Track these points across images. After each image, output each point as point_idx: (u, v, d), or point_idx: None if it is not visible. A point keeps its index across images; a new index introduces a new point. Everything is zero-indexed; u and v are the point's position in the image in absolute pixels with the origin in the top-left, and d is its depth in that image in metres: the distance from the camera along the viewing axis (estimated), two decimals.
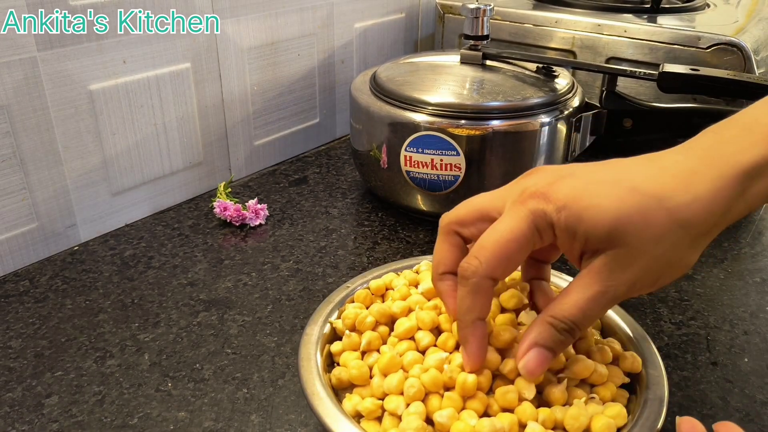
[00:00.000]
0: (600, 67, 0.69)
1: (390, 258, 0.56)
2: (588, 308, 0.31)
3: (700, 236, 0.30)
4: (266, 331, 0.48)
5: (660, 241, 0.30)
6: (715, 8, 0.87)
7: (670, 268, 0.31)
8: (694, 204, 0.30)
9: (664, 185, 0.30)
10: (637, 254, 0.30)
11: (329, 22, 0.76)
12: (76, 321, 0.49)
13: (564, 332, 0.31)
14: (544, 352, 0.31)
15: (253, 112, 0.71)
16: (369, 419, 0.34)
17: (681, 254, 0.30)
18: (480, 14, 0.63)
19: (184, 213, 0.64)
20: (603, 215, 0.30)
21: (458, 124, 0.56)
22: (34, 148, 0.53)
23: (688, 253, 0.31)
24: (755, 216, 0.65)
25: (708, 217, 0.30)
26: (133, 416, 0.40)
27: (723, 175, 0.30)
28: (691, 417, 0.32)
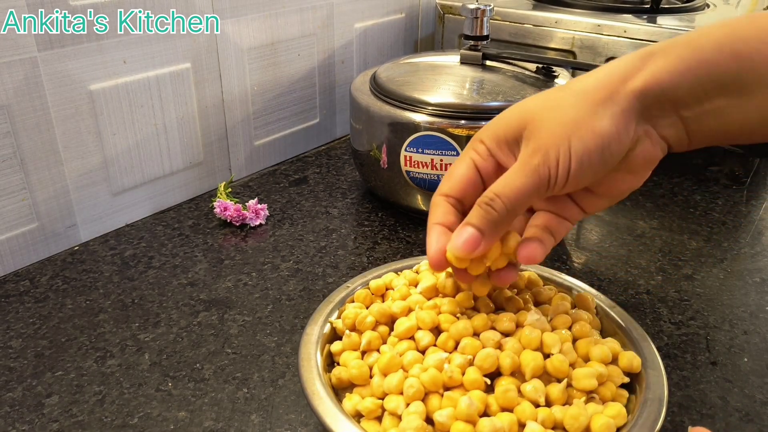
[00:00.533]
0: None
1: (390, 258, 0.56)
2: (514, 184, 0.33)
3: (599, 102, 0.33)
4: (266, 331, 0.48)
5: (557, 108, 0.33)
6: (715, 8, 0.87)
7: (578, 131, 0.32)
8: (589, 78, 0.34)
9: (569, 86, 0.35)
10: (541, 125, 0.33)
11: (329, 22, 0.77)
12: (76, 321, 0.49)
13: (490, 211, 0.33)
14: (475, 233, 0.34)
15: (253, 112, 0.71)
16: (369, 419, 0.34)
17: (582, 118, 0.33)
18: (480, 14, 0.63)
19: (184, 213, 0.64)
20: (513, 113, 0.35)
21: (458, 124, 0.56)
22: (35, 148, 0.53)
23: (592, 118, 0.32)
24: (755, 216, 0.65)
25: (603, 82, 0.33)
26: (134, 416, 0.40)
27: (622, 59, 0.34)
28: (703, 428, 0.33)
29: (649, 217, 0.64)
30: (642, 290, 0.53)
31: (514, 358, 0.34)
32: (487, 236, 0.34)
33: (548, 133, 0.33)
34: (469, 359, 0.34)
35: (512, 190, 0.33)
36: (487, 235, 0.34)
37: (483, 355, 0.34)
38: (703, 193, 0.69)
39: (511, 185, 0.33)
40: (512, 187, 0.33)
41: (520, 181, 0.33)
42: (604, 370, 0.35)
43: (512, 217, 0.34)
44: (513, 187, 0.33)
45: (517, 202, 0.33)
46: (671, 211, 0.65)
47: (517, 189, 0.33)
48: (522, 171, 0.33)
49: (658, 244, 0.59)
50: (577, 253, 0.58)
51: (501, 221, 0.33)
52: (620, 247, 0.59)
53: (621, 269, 0.55)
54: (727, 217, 0.64)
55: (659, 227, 0.62)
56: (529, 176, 0.33)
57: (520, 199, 0.33)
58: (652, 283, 0.54)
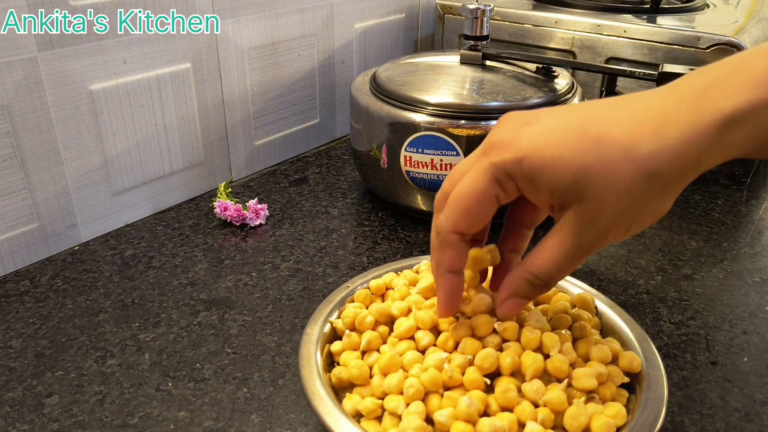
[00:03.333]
0: (600, 67, 0.69)
1: (390, 258, 0.57)
2: (562, 264, 0.31)
3: (669, 185, 0.29)
4: (266, 331, 0.48)
5: (626, 193, 0.28)
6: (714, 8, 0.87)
7: (640, 217, 0.30)
8: (663, 152, 0.28)
9: (631, 132, 0.28)
10: (604, 207, 0.29)
11: (329, 22, 0.77)
12: (76, 321, 0.49)
13: (538, 286, 0.33)
14: (519, 300, 0.34)
15: (253, 112, 0.71)
16: (369, 419, 0.34)
17: (650, 204, 0.29)
18: (480, 14, 0.63)
19: (184, 213, 0.64)
20: (566, 167, 0.29)
21: (458, 124, 0.56)
22: (35, 148, 0.53)
23: (658, 202, 0.29)
24: (755, 216, 0.65)
25: (678, 167, 0.28)
26: (134, 416, 0.40)
27: (699, 121, 0.28)
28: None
29: None
30: (642, 290, 0.53)
31: (514, 358, 0.34)
32: (530, 300, 0.34)
33: (609, 212, 0.29)
34: (469, 359, 0.34)
35: (561, 271, 0.32)
36: (532, 299, 0.34)
37: (483, 355, 0.34)
38: (703, 193, 0.69)
39: (560, 265, 0.31)
40: (561, 268, 0.31)
41: (569, 260, 0.31)
42: (604, 370, 0.35)
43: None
44: (562, 267, 0.31)
45: (562, 277, 0.33)
46: (671, 211, 0.65)
47: (565, 267, 0.32)
48: (572, 249, 0.30)
49: (658, 244, 0.59)
50: None
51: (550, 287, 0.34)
52: (620, 247, 0.59)
53: (621, 269, 0.55)
54: (726, 217, 0.64)
55: (659, 227, 0.62)
56: (578, 255, 0.31)
57: (566, 274, 0.32)
58: (651, 283, 0.54)
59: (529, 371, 0.34)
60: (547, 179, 0.29)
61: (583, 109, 0.31)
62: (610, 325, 0.39)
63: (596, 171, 0.28)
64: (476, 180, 0.31)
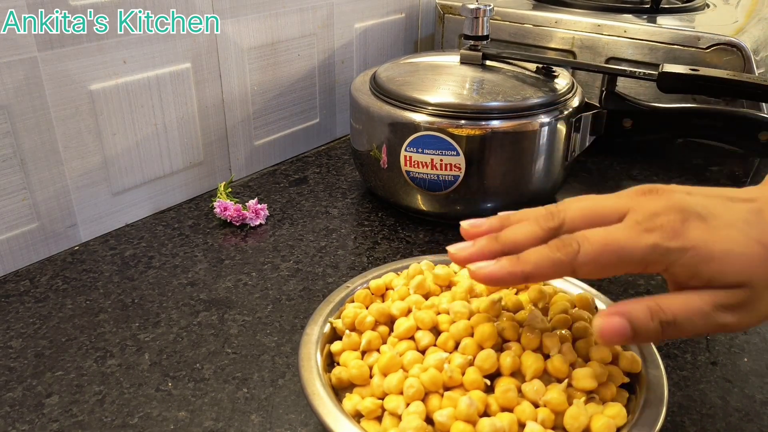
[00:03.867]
0: (600, 67, 0.69)
1: (390, 258, 0.56)
2: (695, 316, 0.30)
3: None
4: (266, 331, 0.48)
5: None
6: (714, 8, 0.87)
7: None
8: None
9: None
10: (759, 298, 0.31)
11: (329, 22, 0.77)
12: (76, 321, 0.49)
13: (658, 321, 0.30)
14: (626, 325, 0.30)
15: (253, 112, 0.71)
16: (369, 419, 0.34)
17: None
18: (480, 14, 0.63)
19: (184, 213, 0.64)
20: (733, 263, 0.30)
21: (458, 124, 0.56)
22: (35, 148, 0.53)
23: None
24: None
25: None
26: (134, 416, 0.40)
27: None
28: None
29: None
30: (642, 290, 0.53)
31: (514, 358, 0.34)
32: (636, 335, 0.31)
33: (759, 313, 0.31)
34: (469, 359, 0.34)
35: (689, 323, 0.31)
36: (637, 334, 0.31)
37: (483, 355, 0.34)
38: None
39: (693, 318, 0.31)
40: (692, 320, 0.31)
41: (704, 320, 0.31)
42: (604, 370, 0.35)
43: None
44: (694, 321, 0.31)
45: (682, 330, 0.31)
46: None
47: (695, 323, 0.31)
48: (714, 317, 0.30)
49: None
50: None
51: (657, 334, 0.31)
52: None
53: None
54: None
55: None
56: (714, 327, 0.31)
57: (689, 331, 0.31)
58: (652, 283, 0.54)
59: (529, 371, 0.34)
60: (711, 271, 0.31)
61: (746, 216, 0.32)
62: None
63: (760, 269, 0.30)
64: (632, 247, 0.31)
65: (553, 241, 0.32)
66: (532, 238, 0.33)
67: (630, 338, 0.30)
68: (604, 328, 0.31)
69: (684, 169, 0.74)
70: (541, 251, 0.32)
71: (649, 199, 0.33)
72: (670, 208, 0.32)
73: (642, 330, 0.30)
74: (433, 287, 0.40)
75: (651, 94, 0.74)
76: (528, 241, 0.33)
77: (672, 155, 0.79)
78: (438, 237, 0.60)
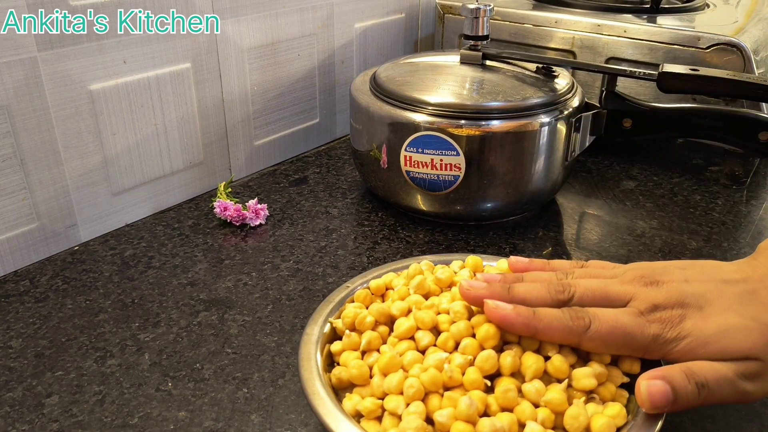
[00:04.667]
0: (600, 67, 0.69)
1: (390, 258, 0.57)
2: (723, 382, 0.33)
3: None
4: (266, 331, 0.48)
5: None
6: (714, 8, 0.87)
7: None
8: None
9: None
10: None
11: (329, 22, 0.77)
12: (76, 321, 0.49)
13: (694, 384, 0.33)
14: (668, 389, 0.32)
15: (253, 112, 0.71)
16: (369, 419, 0.34)
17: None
18: (480, 14, 0.63)
19: (184, 213, 0.64)
20: (731, 340, 0.34)
21: (458, 124, 0.56)
22: (35, 148, 0.53)
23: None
24: (755, 216, 0.65)
25: None
26: (134, 416, 0.40)
27: None
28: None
29: (649, 217, 0.64)
30: None
31: (514, 358, 0.34)
32: (676, 399, 0.33)
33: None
34: (469, 359, 0.34)
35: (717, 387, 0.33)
36: (677, 398, 0.33)
37: (484, 355, 0.34)
38: (703, 193, 0.69)
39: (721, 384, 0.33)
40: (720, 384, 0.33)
41: (725, 388, 0.33)
42: (603, 370, 0.35)
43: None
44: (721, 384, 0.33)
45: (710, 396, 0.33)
46: (671, 211, 0.65)
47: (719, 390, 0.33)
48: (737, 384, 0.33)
49: (658, 244, 0.59)
50: (577, 253, 0.58)
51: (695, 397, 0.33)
52: (620, 247, 0.59)
53: None
54: (727, 217, 0.64)
55: (659, 227, 0.62)
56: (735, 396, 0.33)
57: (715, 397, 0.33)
58: None
59: (529, 372, 0.34)
60: (707, 352, 0.34)
61: (746, 303, 0.35)
62: None
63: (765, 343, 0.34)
64: (635, 335, 0.34)
65: (567, 309, 0.35)
66: (541, 302, 0.36)
67: (671, 401, 0.32)
68: (652, 392, 0.32)
69: (684, 169, 0.74)
70: (556, 314, 0.35)
71: (651, 290, 0.36)
72: (670, 300, 0.35)
73: (681, 392, 0.32)
74: (433, 287, 0.40)
75: (651, 94, 0.74)
76: (537, 303, 0.36)
77: (672, 155, 0.79)
78: (438, 237, 0.60)
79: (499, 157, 0.57)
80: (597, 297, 0.36)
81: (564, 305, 0.36)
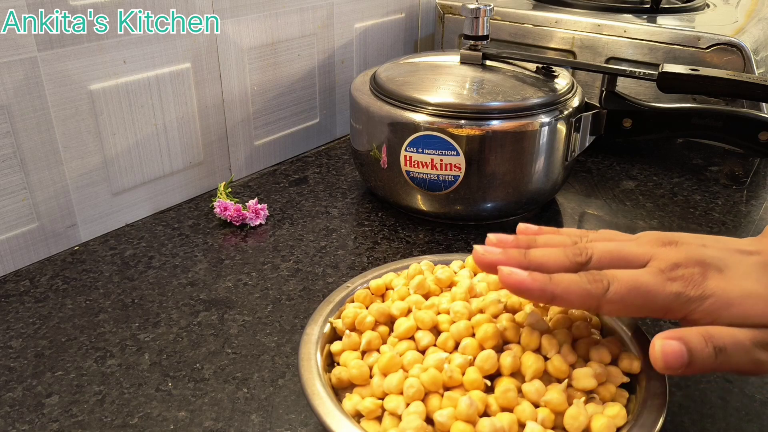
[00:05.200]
0: (600, 67, 0.69)
1: (390, 258, 0.57)
2: (740, 348, 0.32)
3: None
4: (266, 331, 0.48)
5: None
6: (714, 8, 0.87)
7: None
8: None
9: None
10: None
11: (329, 22, 0.77)
12: (76, 321, 0.49)
13: (712, 347, 0.31)
14: (684, 350, 0.31)
15: (253, 112, 0.71)
16: (369, 419, 0.34)
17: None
18: (480, 14, 0.63)
19: (184, 213, 0.64)
20: (753, 305, 0.32)
21: (458, 124, 0.56)
22: (35, 148, 0.53)
23: None
24: (755, 216, 0.65)
25: None
26: (134, 416, 0.40)
27: None
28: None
29: (649, 217, 0.64)
30: None
31: (514, 358, 0.34)
32: (691, 362, 0.32)
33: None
34: (469, 359, 0.34)
35: (736, 349, 0.32)
36: (692, 361, 0.32)
37: (484, 355, 0.34)
38: (703, 193, 0.69)
39: (740, 346, 0.32)
40: (739, 347, 0.32)
41: (745, 353, 0.32)
42: (603, 370, 0.35)
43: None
44: (742, 347, 0.32)
45: (728, 360, 0.32)
46: (671, 211, 0.65)
47: (735, 355, 0.32)
48: (756, 350, 0.32)
49: None
50: None
51: (711, 361, 0.32)
52: None
53: None
54: (727, 217, 0.64)
55: (659, 227, 0.62)
56: (751, 363, 0.32)
57: (731, 363, 0.32)
58: None
59: (529, 372, 0.34)
60: (730, 315, 0.33)
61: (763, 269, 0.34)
62: (610, 325, 0.39)
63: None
64: (655, 293, 0.33)
65: (584, 273, 0.34)
66: (559, 267, 0.35)
67: (687, 363, 0.31)
68: (666, 351, 0.31)
69: (684, 169, 0.74)
70: (572, 278, 0.34)
71: (670, 250, 0.35)
72: (690, 259, 0.34)
73: (698, 355, 0.31)
74: (433, 287, 0.40)
75: (651, 94, 0.74)
76: (554, 268, 0.35)
77: (672, 155, 0.79)
78: (438, 237, 0.60)
79: (499, 157, 0.57)
80: (614, 258, 0.35)
81: (581, 269, 0.35)
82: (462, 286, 0.40)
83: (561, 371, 0.34)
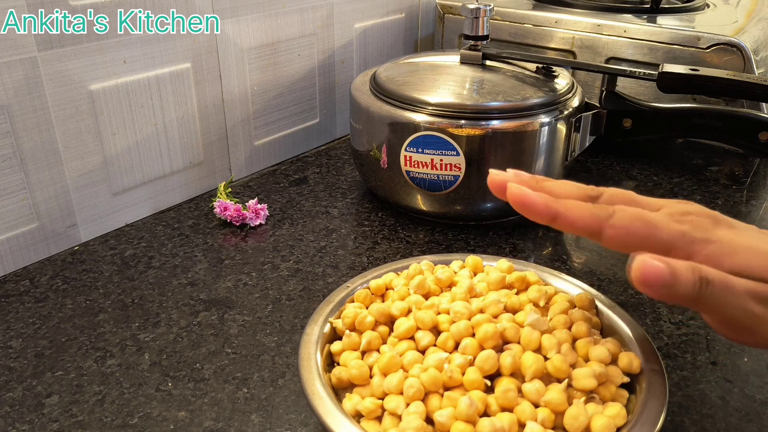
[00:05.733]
0: (600, 67, 0.69)
1: (390, 258, 0.57)
2: (730, 292, 0.30)
3: None
4: (266, 331, 0.48)
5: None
6: (714, 8, 0.87)
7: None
8: None
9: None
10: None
11: (329, 22, 0.77)
12: (76, 321, 0.49)
13: (698, 276, 0.30)
14: (667, 270, 0.29)
15: (253, 112, 0.71)
16: (369, 419, 0.34)
17: None
18: (480, 14, 0.63)
19: (184, 213, 0.64)
20: (758, 258, 0.32)
21: (458, 124, 0.56)
22: (35, 148, 0.53)
23: None
24: (755, 216, 0.65)
25: None
26: (134, 416, 0.40)
27: None
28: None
29: None
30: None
31: (514, 358, 0.34)
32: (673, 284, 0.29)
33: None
34: (469, 359, 0.34)
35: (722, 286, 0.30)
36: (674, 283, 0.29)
37: (484, 355, 0.34)
38: (703, 193, 0.69)
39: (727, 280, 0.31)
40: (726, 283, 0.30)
41: (738, 309, 0.31)
42: (603, 370, 0.35)
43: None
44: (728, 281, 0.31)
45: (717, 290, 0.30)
46: None
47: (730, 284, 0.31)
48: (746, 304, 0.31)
49: None
50: (577, 253, 0.58)
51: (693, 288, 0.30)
52: None
53: (621, 269, 0.55)
54: None
55: None
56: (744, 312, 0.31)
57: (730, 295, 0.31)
58: None
59: (529, 371, 0.34)
60: (732, 263, 0.32)
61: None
62: (610, 325, 0.39)
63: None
64: (664, 228, 0.32)
65: (590, 203, 0.34)
66: (569, 195, 0.35)
67: (668, 285, 0.29)
68: (645, 270, 0.29)
69: (684, 169, 0.74)
70: (578, 202, 0.34)
71: (682, 204, 0.35)
72: (703, 212, 0.35)
73: (682, 279, 0.29)
74: (433, 287, 0.40)
75: (651, 94, 0.74)
76: (564, 196, 0.34)
77: (672, 155, 0.79)
78: (438, 237, 0.60)
79: (499, 157, 0.57)
80: (627, 200, 0.35)
81: (592, 201, 0.35)
82: (462, 286, 0.40)
83: (561, 371, 0.34)
